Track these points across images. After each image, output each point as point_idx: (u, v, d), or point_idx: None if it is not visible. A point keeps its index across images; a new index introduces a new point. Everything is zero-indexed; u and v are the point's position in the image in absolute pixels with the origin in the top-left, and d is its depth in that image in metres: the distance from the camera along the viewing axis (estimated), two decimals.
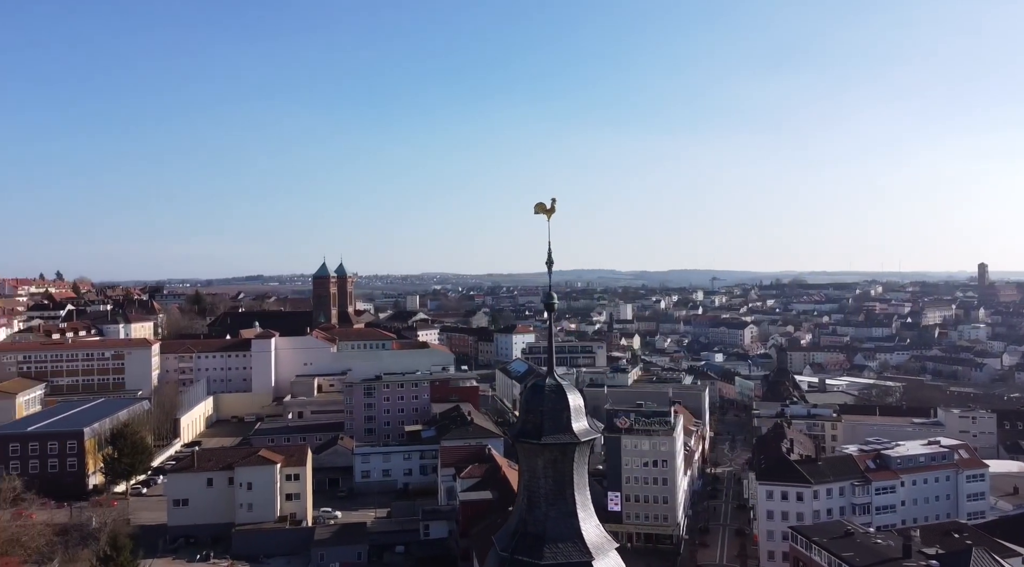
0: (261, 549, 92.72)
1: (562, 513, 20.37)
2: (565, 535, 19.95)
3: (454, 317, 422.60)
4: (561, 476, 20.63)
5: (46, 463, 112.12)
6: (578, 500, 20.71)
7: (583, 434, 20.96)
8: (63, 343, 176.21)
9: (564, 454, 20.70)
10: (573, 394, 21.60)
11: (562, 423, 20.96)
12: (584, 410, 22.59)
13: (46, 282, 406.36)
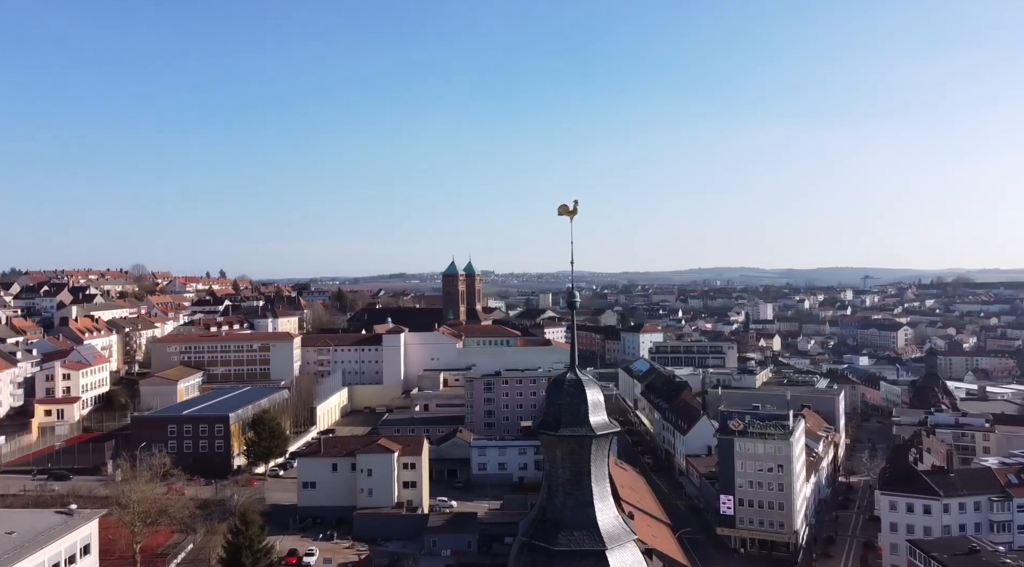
0: (379, 532, 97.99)
1: (579, 502, 21.20)
2: (581, 524, 20.76)
3: (583, 315, 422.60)
4: (579, 467, 21.43)
5: (197, 443, 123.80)
6: (595, 491, 21.46)
7: (600, 428, 21.71)
8: (218, 336, 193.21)
9: (581, 446, 21.50)
10: (592, 390, 22.34)
11: (579, 417, 21.82)
12: (604, 405, 23.32)
13: (211, 280, 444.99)
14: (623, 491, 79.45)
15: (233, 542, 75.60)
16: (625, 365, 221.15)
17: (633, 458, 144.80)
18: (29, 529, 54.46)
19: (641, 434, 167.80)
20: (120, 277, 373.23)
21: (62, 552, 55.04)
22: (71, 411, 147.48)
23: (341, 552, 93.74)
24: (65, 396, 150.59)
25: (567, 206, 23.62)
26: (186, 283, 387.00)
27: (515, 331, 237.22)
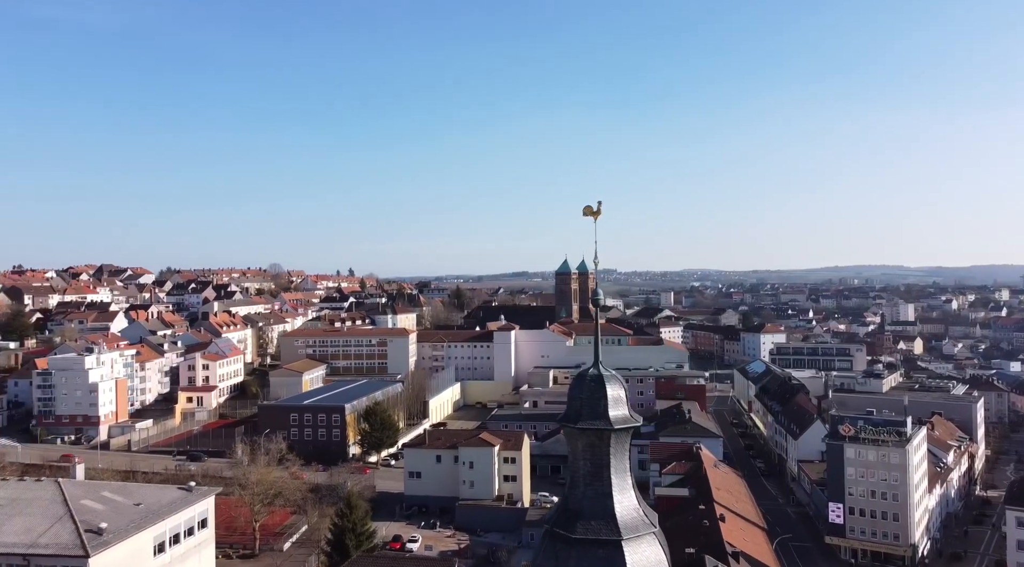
0: (479, 523, 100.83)
1: (598, 493, 21.97)
2: (599, 514, 21.53)
3: (703, 314, 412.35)
4: (598, 459, 22.21)
5: (316, 431, 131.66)
6: (614, 482, 22.13)
7: (618, 421, 22.36)
8: (340, 331, 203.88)
9: (600, 439, 22.25)
10: (612, 385, 23.01)
11: (599, 410, 22.53)
12: (625, 400, 23.94)
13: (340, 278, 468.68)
14: (718, 493, 77.98)
15: (339, 524, 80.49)
16: (741, 366, 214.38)
17: (745, 462, 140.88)
18: (154, 502, 60.55)
19: (755, 437, 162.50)
20: (259, 275, 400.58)
21: (181, 524, 60.80)
22: (209, 399, 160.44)
23: (443, 540, 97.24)
24: (204, 385, 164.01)
25: (591, 207, 24.34)
26: (317, 281, 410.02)
27: (627, 330, 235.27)
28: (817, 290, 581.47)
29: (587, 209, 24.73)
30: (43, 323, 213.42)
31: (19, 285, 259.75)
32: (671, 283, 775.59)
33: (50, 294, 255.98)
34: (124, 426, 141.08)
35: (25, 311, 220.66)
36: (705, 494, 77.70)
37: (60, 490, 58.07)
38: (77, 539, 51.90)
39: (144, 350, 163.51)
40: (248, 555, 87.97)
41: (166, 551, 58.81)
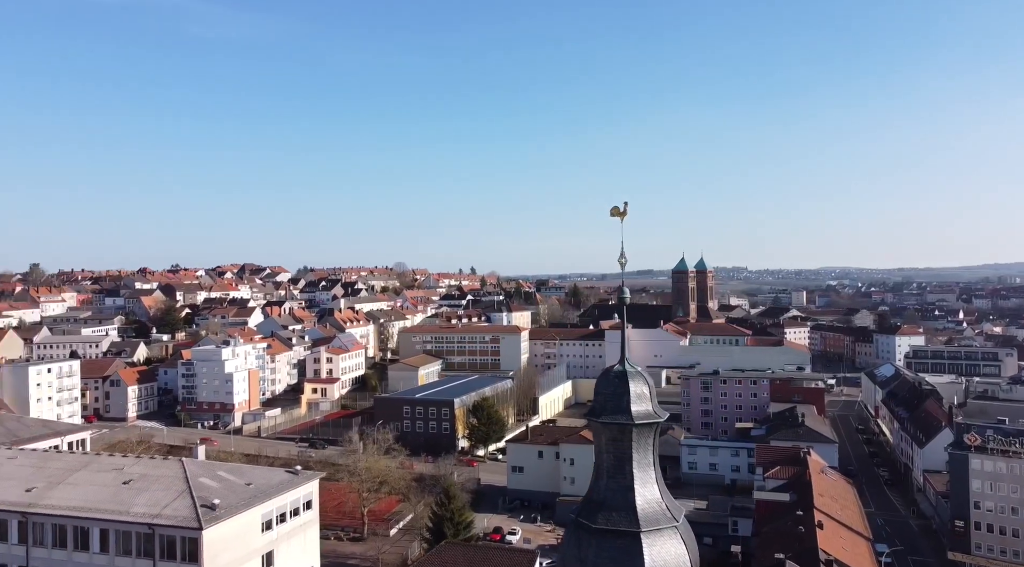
0: None
1: (620, 486, 22.75)
2: (619, 505, 22.32)
3: (835, 314, 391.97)
4: (621, 453, 22.98)
5: (427, 424, 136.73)
6: (636, 476, 22.83)
7: (640, 417, 23.03)
8: (455, 327, 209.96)
9: (622, 433, 23.01)
10: (636, 381, 23.67)
11: (621, 406, 23.29)
12: (648, 396, 24.49)
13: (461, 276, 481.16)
14: (820, 499, 74.80)
15: (438, 513, 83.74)
16: (870, 370, 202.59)
17: (867, 470, 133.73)
18: (264, 482, 65.57)
19: (880, 445, 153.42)
20: (385, 274, 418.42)
21: (287, 504, 65.47)
22: (332, 390, 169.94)
23: (542, 534, 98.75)
24: (328, 377, 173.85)
25: (618, 208, 25.00)
26: (439, 279, 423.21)
27: (745, 330, 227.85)
28: (970, 289, 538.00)
29: (614, 210, 25.40)
30: (191, 317, 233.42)
31: (172, 283, 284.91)
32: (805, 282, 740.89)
33: (198, 291, 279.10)
34: (255, 413, 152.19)
35: (176, 306, 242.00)
36: (806, 500, 74.87)
37: (183, 468, 64.14)
38: (194, 513, 57.21)
39: (275, 343, 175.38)
40: (357, 538, 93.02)
41: (273, 528, 63.54)
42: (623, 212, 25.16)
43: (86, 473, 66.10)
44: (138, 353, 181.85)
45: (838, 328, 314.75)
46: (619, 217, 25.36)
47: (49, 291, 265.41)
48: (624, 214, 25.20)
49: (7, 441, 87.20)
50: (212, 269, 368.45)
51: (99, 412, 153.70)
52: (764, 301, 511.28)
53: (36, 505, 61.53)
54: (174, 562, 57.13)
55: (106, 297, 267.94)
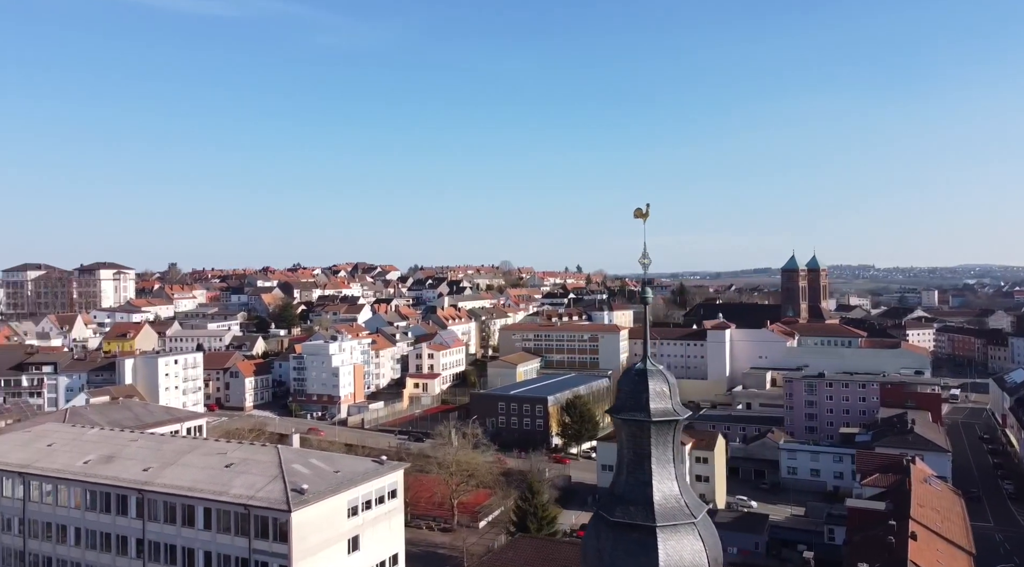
0: None
1: (638, 481, 23.48)
2: (637, 500, 23.08)
3: (967, 315, 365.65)
4: (640, 448, 23.73)
5: (521, 420, 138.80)
6: (655, 471, 23.51)
7: (658, 414, 23.69)
8: (554, 326, 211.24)
9: (641, 429, 23.74)
10: (655, 379, 24.29)
11: (640, 403, 24.01)
12: (669, 394, 25.00)
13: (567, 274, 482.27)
14: (918, 510, 70.84)
15: (522, 508, 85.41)
16: (1000, 375, 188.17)
17: (990, 482, 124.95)
18: (351, 471, 69.24)
19: (1008, 456, 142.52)
20: (491, 272, 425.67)
21: (372, 492, 68.82)
22: (433, 385, 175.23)
23: None
24: (429, 372, 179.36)
25: (640, 210, 25.58)
26: (544, 277, 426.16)
27: (860, 331, 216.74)
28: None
29: (637, 212, 25.98)
30: (306, 314, 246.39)
31: (291, 281, 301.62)
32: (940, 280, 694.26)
33: (314, 289, 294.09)
34: (360, 406, 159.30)
35: (293, 303, 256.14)
36: (902, 510, 71.21)
37: (277, 455, 68.77)
38: (284, 496, 61.34)
39: (379, 339, 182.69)
40: (447, 529, 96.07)
41: (359, 514, 67.01)
42: (645, 214, 25.72)
43: (194, 456, 71.99)
44: (257, 347, 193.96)
45: (968, 330, 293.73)
46: (641, 219, 25.96)
47: (182, 289, 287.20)
48: (646, 216, 25.76)
49: (134, 425, 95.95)
50: (328, 268, 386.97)
51: (220, 401, 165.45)
52: (889, 301, 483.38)
53: (151, 483, 67.72)
54: (267, 541, 61.50)
55: (232, 294, 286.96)
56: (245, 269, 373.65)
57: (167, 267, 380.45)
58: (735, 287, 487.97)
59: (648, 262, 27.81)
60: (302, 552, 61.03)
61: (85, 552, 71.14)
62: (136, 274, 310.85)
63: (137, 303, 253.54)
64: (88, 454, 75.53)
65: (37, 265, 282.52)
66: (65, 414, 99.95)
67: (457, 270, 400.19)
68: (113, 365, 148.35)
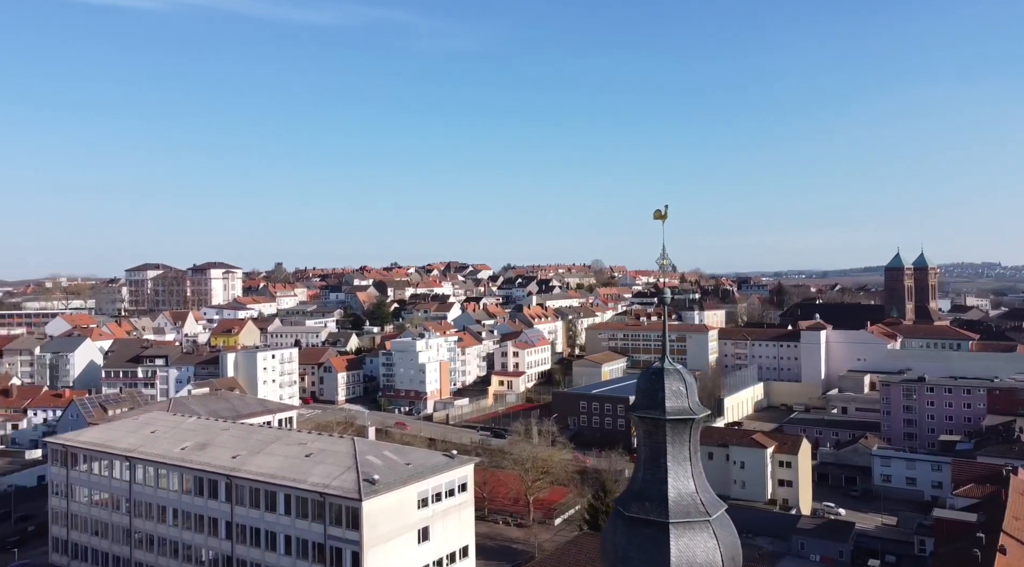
0: (747, 525, 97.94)
1: (655, 478, 24.08)
2: (653, 496, 23.70)
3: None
4: (656, 446, 24.32)
5: (603, 419, 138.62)
6: (670, 468, 24.05)
7: (673, 412, 24.24)
8: (639, 325, 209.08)
9: (656, 427, 24.34)
10: (672, 378, 24.81)
11: (656, 401, 24.59)
12: (686, 393, 25.40)
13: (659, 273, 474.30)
14: (1014, 523, 66.37)
15: (594, 506, 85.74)
16: None
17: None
18: (421, 464, 71.63)
19: None
20: (582, 271, 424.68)
21: (442, 485, 70.93)
22: (518, 383, 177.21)
23: None
24: (514, 370, 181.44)
25: (659, 211, 26.02)
26: (635, 276, 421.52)
27: (972, 334, 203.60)
28: None
29: (656, 213, 26.40)
30: (399, 311, 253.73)
31: (385, 280, 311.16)
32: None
33: (407, 287, 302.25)
34: (446, 402, 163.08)
35: (386, 302, 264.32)
36: (994, 522, 67.11)
37: (353, 446, 71.96)
38: (356, 486, 64.25)
39: (466, 337, 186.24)
40: (522, 525, 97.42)
41: (429, 506, 69.25)
42: (664, 215, 26.14)
43: (278, 445, 76.26)
44: (350, 343, 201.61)
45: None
46: (660, 220, 26.39)
47: (284, 287, 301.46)
48: (665, 217, 26.17)
49: (230, 415, 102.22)
50: (422, 267, 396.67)
51: (315, 394, 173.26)
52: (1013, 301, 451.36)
53: (238, 470, 72.26)
54: (341, 528, 64.61)
55: (330, 292, 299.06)
56: (344, 268, 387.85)
57: (273, 266, 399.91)
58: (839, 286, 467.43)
59: (667, 263, 28.17)
60: (373, 539, 63.76)
61: (182, 532, 76.66)
62: (244, 273, 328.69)
63: (243, 301, 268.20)
64: (185, 441, 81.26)
65: (156, 265, 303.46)
66: (169, 404, 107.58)
67: (548, 269, 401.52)
68: (217, 359, 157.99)
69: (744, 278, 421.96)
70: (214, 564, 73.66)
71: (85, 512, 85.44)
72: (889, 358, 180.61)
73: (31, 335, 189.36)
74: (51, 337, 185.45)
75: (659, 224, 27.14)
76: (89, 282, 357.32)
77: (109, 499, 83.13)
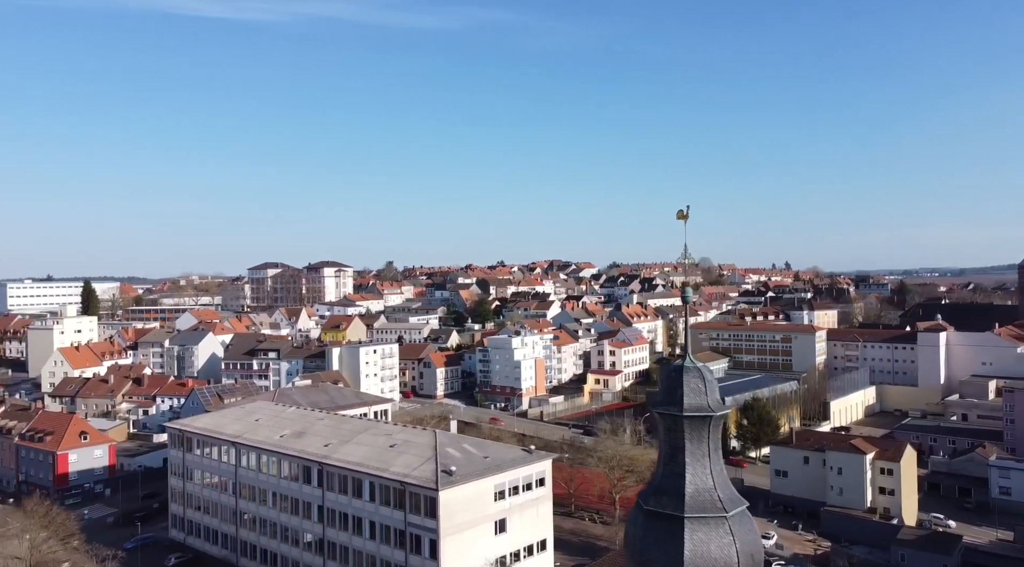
0: (845, 533, 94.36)
1: (673, 473, 24.75)
2: (671, 491, 24.39)
3: None
4: (675, 441, 25.00)
5: None
6: (688, 464, 24.67)
7: (691, 409, 24.83)
8: (743, 325, 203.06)
9: (675, 423, 25.02)
10: (691, 376, 25.39)
11: (675, 398, 25.22)
12: (705, 390, 25.81)
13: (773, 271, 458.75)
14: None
15: None
16: None
17: None
18: (499, 457, 73.36)
19: None
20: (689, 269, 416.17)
21: (520, 479, 72.36)
22: (614, 382, 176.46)
23: (800, 543, 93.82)
24: (611, 369, 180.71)
25: (682, 211, 26.53)
26: (745, 274, 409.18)
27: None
28: None
29: (679, 213, 26.88)
30: (499, 309, 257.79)
31: (488, 278, 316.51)
32: None
33: (509, 285, 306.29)
34: (541, 399, 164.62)
35: (488, 299, 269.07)
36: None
37: (434, 438, 74.57)
38: (434, 476, 66.72)
39: (562, 335, 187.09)
40: (607, 522, 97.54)
41: (506, 499, 70.90)
42: (686, 215, 26.61)
43: (366, 436, 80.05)
44: (451, 340, 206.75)
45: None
46: (683, 220, 26.88)
47: (391, 285, 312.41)
48: (686, 217, 26.64)
49: (329, 406, 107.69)
50: (526, 265, 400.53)
51: (415, 389, 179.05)
52: None
53: (329, 457, 76.48)
54: (419, 516, 67.34)
55: (435, 290, 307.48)
56: (450, 267, 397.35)
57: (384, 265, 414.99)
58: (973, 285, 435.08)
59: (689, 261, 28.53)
60: (449, 528, 66.05)
61: (280, 515, 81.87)
62: (355, 271, 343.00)
63: (353, 298, 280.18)
64: (284, 429, 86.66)
65: (275, 264, 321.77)
66: (274, 394, 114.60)
67: (653, 267, 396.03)
68: (324, 353, 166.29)
69: (863, 276, 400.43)
70: (311, 547, 78.19)
71: (198, 492, 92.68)
72: (1019, 362, 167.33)
73: (162, 329, 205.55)
74: (179, 331, 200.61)
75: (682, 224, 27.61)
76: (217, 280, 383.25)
77: (218, 481, 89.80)
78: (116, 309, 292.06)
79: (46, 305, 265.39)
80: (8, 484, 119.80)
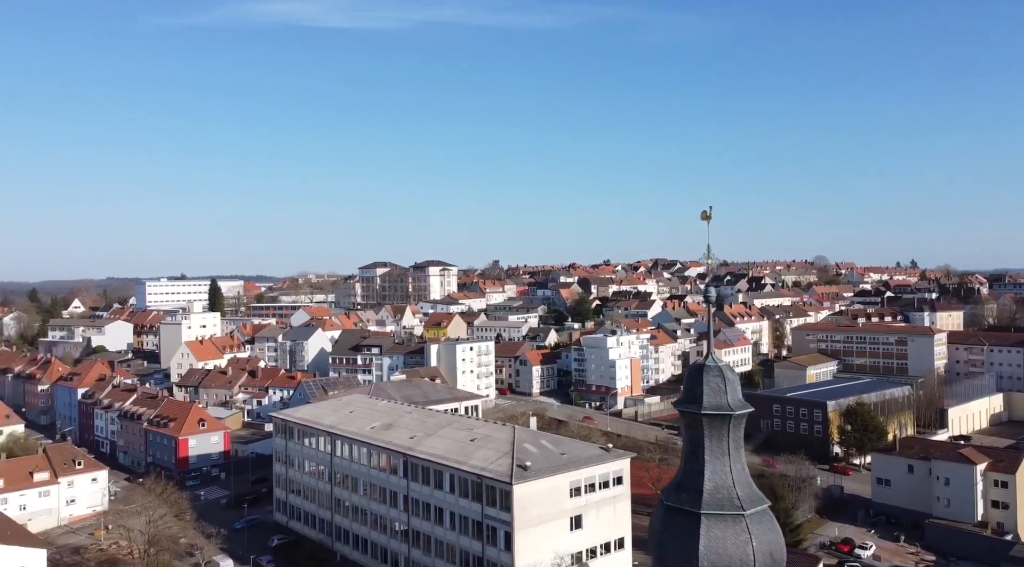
0: (952, 547, 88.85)
1: (693, 470, 25.35)
2: (690, 487, 24.99)
3: None
4: (695, 439, 25.63)
5: (798, 424, 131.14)
6: (708, 461, 25.18)
7: (710, 408, 25.34)
8: (855, 326, 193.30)
9: (695, 421, 25.63)
10: (712, 375, 25.80)
11: (695, 396, 25.77)
12: (725, 389, 26.10)
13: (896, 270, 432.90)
14: None
15: None
16: None
17: None
18: (576, 454, 74.01)
19: None
20: (803, 268, 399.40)
21: (596, 476, 72.77)
22: None
23: (901, 555, 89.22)
24: None
25: (705, 212, 26.94)
26: (865, 273, 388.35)
27: None
28: None
29: (702, 214, 27.27)
30: (600, 308, 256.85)
31: (589, 277, 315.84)
32: None
33: (611, 284, 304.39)
34: (636, 398, 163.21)
35: (589, 298, 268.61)
36: None
37: (513, 434, 76.15)
38: (509, 470, 68.29)
39: (660, 335, 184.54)
40: None
41: (582, 495, 71.57)
42: (709, 216, 27.00)
43: (449, 429, 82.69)
44: (549, 338, 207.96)
45: None
46: (706, 221, 27.29)
47: (493, 284, 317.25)
48: (710, 218, 27.03)
49: (421, 401, 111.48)
50: (630, 264, 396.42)
51: (511, 386, 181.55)
52: None
53: (414, 449, 79.59)
54: (495, 508, 69.13)
55: (537, 289, 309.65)
56: (553, 266, 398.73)
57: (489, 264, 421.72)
58: None
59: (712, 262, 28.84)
60: (523, 522, 67.46)
61: (370, 503, 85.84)
62: (460, 270, 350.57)
63: (456, 296, 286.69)
64: (375, 421, 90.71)
65: (384, 263, 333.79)
66: (371, 388, 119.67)
67: (763, 266, 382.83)
68: (423, 349, 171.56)
69: (999, 275, 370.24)
70: (397, 536, 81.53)
71: (299, 478, 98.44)
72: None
73: (278, 325, 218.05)
74: (292, 327, 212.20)
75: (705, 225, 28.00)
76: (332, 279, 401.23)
77: (316, 469, 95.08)
78: (240, 306, 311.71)
79: (178, 302, 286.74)
80: (138, 465, 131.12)
